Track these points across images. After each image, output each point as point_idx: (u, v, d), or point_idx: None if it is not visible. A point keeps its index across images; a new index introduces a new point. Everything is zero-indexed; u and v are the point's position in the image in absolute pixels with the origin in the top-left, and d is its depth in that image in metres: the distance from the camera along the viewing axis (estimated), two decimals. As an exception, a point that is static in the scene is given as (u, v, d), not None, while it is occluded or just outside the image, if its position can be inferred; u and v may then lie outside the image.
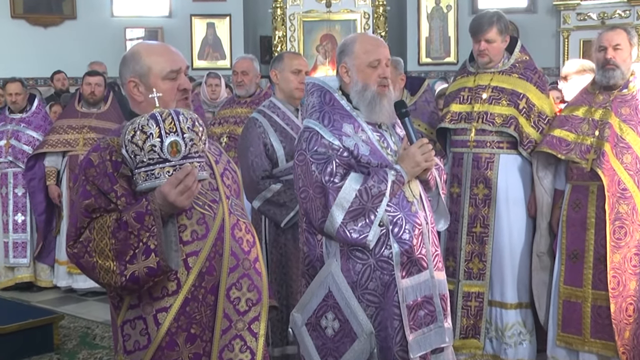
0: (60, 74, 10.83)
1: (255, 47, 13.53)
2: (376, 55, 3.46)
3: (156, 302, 2.62)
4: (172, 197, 2.49)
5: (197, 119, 2.58)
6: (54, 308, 6.76)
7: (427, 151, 3.37)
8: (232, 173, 2.92)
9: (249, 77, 6.32)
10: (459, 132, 5.00)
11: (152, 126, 2.49)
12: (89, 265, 2.56)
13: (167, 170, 2.52)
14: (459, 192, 5.01)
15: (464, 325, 4.99)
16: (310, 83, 3.62)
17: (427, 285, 3.42)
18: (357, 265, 3.34)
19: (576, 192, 4.67)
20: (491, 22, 4.84)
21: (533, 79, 4.92)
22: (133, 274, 2.50)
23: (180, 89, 2.76)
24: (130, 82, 2.73)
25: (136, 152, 2.50)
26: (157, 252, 2.49)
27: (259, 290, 2.75)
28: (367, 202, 3.26)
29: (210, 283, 2.66)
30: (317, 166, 3.31)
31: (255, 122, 4.64)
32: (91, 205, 2.58)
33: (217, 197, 2.75)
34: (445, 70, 12.60)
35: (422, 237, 3.41)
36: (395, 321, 3.33)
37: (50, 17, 12.83)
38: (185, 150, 2.52)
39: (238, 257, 2.72)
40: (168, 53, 2.78)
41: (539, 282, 4.88)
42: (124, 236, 2.51)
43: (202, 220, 2.66)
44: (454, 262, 5.03)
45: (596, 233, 4.57)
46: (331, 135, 3.37)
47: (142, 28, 13.16)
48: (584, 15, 12.27)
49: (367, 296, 3.35)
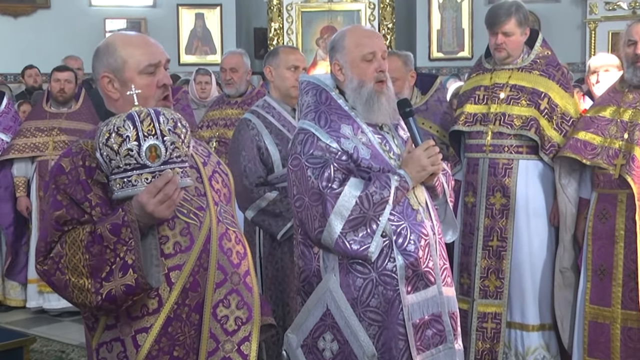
0: (33, 70, 10.82)
1: (248, 41, 13.56)
2: (370, 48, 3.47)
3: (135, 322, 2.60)
4: (150, 207, 2.47)
5: (180, 120, 2.56)
6: (24, 330, 6.73)
7: (433, 154, 3.39)
8: (222, 175, 2.92)
9: (239, 75, 6.32)
10: (474, 136, 5.01)
11: (128, 128, 2.47)
12: (61, 284, 2.53)
13: (145, 177, 2.49)
14: (473, 202, 5.01)
15: (479, 349, 4.99)
16: (304, 81, 3.63)
17: (435, 301, 3.43)
18: (358, 280, 3.35)
19: (603, 201, 4.68)
20: (509, 12, 4.84)
21: (556, 77, 4.92)
22: (109, 292, 2.48)
23: (159, 85, 2.73)
24: (103, 77, 2.71)
25: (111, 156, 2.48)
26: (135, 268, 2.47)
27: (249, 307, 2.74)
28: (369, 210, 3.27)
29: (195, 300, 2.65)
30: (314, 171, 3.32)
31: (248, 123, 4.65)
32: (62, 217, 2.55)
33: (204, 203, 2.74)
34: (459, 67, 12.64)
35: (428, 249, 3.42)
36: (400, 341, 3.34)
37: (21, 6, 12.83)
38: (166, 155, 2.50)
39: (226, 271, 2.71)
40: (146, 45, 2.75)
41: (562, 301, 4.88)
42: (98, 251, 2.48)
43: (187, 231, 2.65)
44: (468, 279, 5.03)
45: (626, 247, 4.58)
46: (328, 137, 3.38)
47: (124, 19, 13.18)
48: (613, 5, 12.27)
49: (368, 314, 3.36)
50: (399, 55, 5.30)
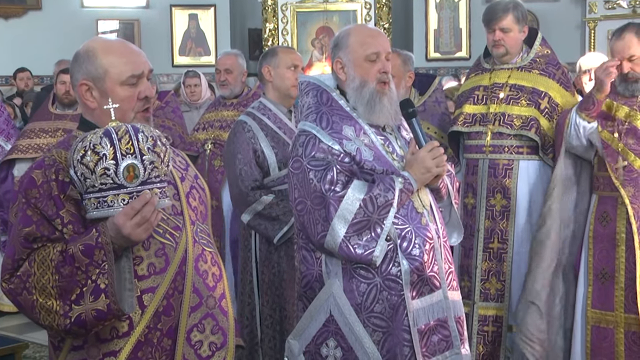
0: (24, 72, 10.81)
1: (243, 41, 13.56)
2: (374, 48, 3.45)
3: (104, 344, 2.53)
4: (126, 230, 2.38)
5: (159, 137, 2.47)
6: (17, 336, 6.73)
7: (438, 155, 3.37)
8: (199, 191, 2.83)
9: (234, 76, 6.30)
10: (473, 136, 5.00)
11: (105, 145, 2.37)
12: (28, 304, 2.44)
13: (122, 198, 2.39)
14: (473, 204, 5.00)
15: (480, 352, 4.98)
16: (304, 82, 3.61)
17: (441, 306, 3.42)
18: (362, 285, 3.33)
19: (603, 203, 4.66)
20: (506, 9, 4.87)
21: (556, 76, 4.92)
22: (79, 316, 2.39)
23: (140, 97, 2.64)
24: (82, 84, 2.61)
25: (86, 175, 2.38)
26: (108, 293, 2.38)
27: (224, 332, 2.69)
28: (373, 213, 3.25)
29: (168, 325, 2.58)
30: (316, 174, 3.30)
31: (244, 125, 4.64)
32: (32, 234, 2.46)
33: (181, 222, 2.67)
34: (456, 67, 12.64)
35: (433, 253, 3.40)
36: (405, 348, 3.32)
37: (12, 7, 12.82)
38: (144, 175, 2.40)
39: (201, 295, 2.65)
40: (129, 53, 2.64)
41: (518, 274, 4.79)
42: (69, 272, 2.39)
43: (162, 252, 2.58)
44: (469, 282, 5.02)
45: (627, 250, 4.56)
46: (330, 139, 3.36)
47: (116, 20, 13.18)
48: (613, 3, 12.29)
49: (373, 320, 3.34)
50: (399, 54, 5.29)
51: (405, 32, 13.31)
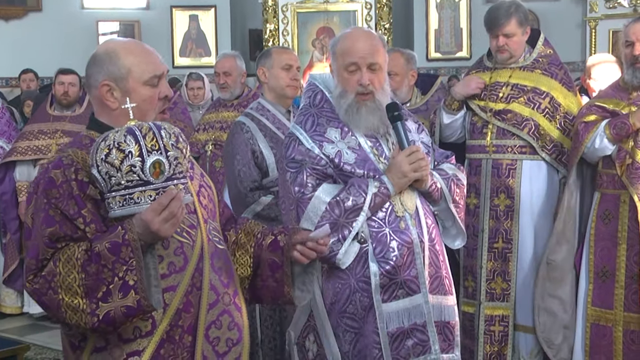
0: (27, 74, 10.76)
1: (243, 42, 13.56)
2: (352, 58, 3.41)
3: (127, 344, 2.54)
4: (155, 226, 2.40)
5: (180, 134, 2.51)
6: (19, 338, 6.73)
7: (415, 160, 3.36)
8: (207, 190, 2.86)
9: (233, 78, 6.30)
10: (476, 136, 5.01)
11: (130, 143, 2.40)
12: (53, 304, 2.44)
13: (149, 194, 2.42)
14: (477, 204, 5.01)
15: (487, 352, 4.98)
16: (308, 81, 3.66)
17: (419, 311, 3.42)
18: (337, 285, 3.39)
19: (605, 201, 4.67)
20: (509, 13, 4.82)
21: (558, 76, 4.92)
22: (108, 313, 2.40)
23: (161, 96, 2.69)
24: (103, 85, 2.62)
25: (112, 173, 2.40)
26: (138, 290, 2.40)
27: (239, 328, 2.73)
28: (340, 216, 3.30)
29: (188, 322, 2.61)
30: (291, 175, 3.38)
31: (242, 126, 4.65)
32: (55, 234, 2.47)
33: (195, 221, 2.70)
34: (457, 67, 12.64)
35: (412, 257, 3.41)
36: (374, 350, 3.36)
37: (12, 8, 12.80)
38: (170, 171, 2.44)
39: (218, 291, 2.69)
40: (149, 54, 2.69)
41: (543, 292, 4.82)
42: (95, 270, 2.40)
43: (180, 250, 2.61)
44: (473, 282, 5.03)
45: (628, 248, 4.57)
46: (310, 142, 3.41)
47: (117, 21, 13.17)
48: (614, 3, 12.26)
49: (345, 320, 3.40)
50: (402, 53, 5.33)
51: (405, 32, 13.30)
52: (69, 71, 7.66)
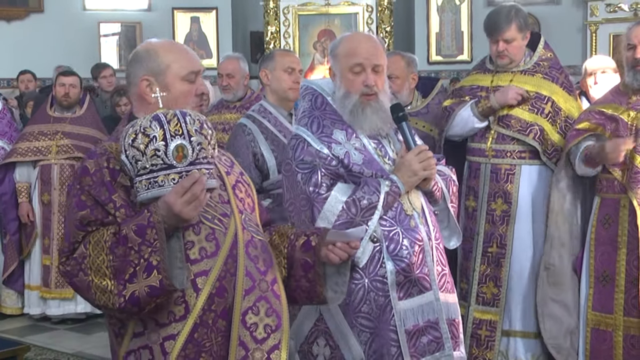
0: (25, 75, 10.78)
1: (245, 44, 13.55)
2: (358, 59, 3.45)
3: (163, 329, 2.63)
4: (177, 208, 2.48)
5: (205, 121, 2.60)
6: (19, 338, 6.73)
7: (425, 159, 3.41)
8: (245, 186, 2.94)
9: (236, 80, 6.31)
10: (476, 139, 5.02)
11: (155, 128, 2.50)
12: (84, 285, 2.55)
13: (172, 178, 2.50)
14: (474, 207, 5.02)
15: (472, 354, 5.00)
16: (303, 86, 3.69)
17: (432, 308, 3.46)
18: (351, 285, 3.37)
19: (605, 206, 4.67)
20: (509, 18, 4.81)
21: (559, 80, 4.93)
22: (133, 294, 2.49)
23: (197, 93, 2.82)
24: (143, 80, 2.75)
25: (137, 157, 2.51)
26: (160, 270, 2.48)
27: (278, 314, 2.77)
28: (356, 215, 3.32)
29: (221, 306, 2.67)
30: (303, 176, 3.39)
31: (244, 128, 4.65)
32: (86, 217, 2.59)
33: (229, 210, 2.76)
34: (458, 70, 12.63)
35: (423, 255, 3.45)
36: (392, 348, 3.37)
37: (14, 9, 12.81)
38: (193, 155, 2.52)
39: (254, 278, 2.73)
40: (187, 52, 2.83)
41: (545, 299, 4.84)
42: (123, 252, 2.50)
43: (212, 236, 2.68)
44: (466, 284, 5.05)
45: (628, 253, 4.57)
46: (319, 143, 3.43)
47: (118, 23, 13.18)
48: (614, 7, 12.27)
49: (360, 320, 3.40)
50: (402, 56, 5.35)
51: (407, 35, 13.30)
52: (69, 72, 7.67)
